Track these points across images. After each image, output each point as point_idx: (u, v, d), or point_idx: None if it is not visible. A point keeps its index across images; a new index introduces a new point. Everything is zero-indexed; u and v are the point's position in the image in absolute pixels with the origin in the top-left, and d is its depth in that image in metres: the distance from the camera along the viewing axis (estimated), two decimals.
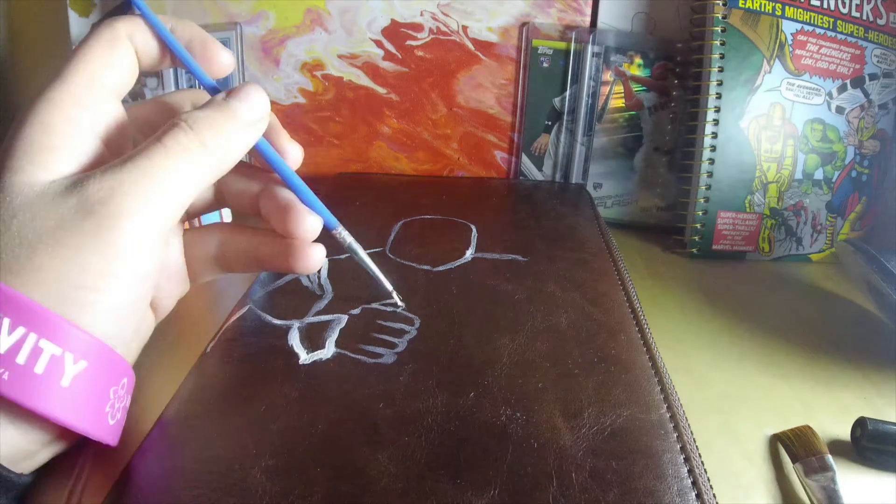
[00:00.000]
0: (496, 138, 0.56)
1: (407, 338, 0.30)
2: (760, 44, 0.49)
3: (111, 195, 0.22)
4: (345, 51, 0.54)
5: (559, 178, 0.56)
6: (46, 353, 0.21)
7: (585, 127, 0.55)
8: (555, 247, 0.40)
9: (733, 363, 0.36)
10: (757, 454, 0.29)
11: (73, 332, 0.21)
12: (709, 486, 0.22)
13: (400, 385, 0.26)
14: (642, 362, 0.29)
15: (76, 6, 0.54)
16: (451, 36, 0.54)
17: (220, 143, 0.24)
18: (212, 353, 0.29)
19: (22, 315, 0.20)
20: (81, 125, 0.23)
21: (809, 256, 0.53)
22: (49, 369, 0.21)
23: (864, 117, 0.52)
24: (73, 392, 0.21)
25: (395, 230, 0.42)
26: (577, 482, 0.21)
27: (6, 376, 0.20)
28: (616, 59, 0.54)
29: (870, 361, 0.37)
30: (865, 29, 0.51)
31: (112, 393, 0.23)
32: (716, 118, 0.50)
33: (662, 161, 0.56)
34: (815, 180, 0.52)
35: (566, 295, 0.34)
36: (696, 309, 0.43)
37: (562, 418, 0.24)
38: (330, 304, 0.32)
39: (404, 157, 0.56)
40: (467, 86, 0.55)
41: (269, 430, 0.24)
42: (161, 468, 0.22)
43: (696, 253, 0.51)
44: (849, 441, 0.30)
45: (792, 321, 0.42)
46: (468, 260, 0.38)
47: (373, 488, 0.21)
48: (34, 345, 0.20)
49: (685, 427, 0.25)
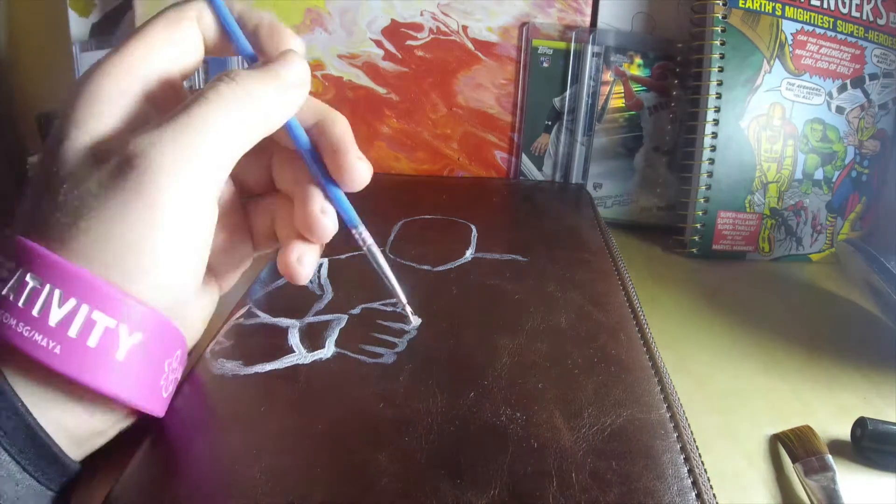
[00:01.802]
0: (496, 138, 0.56)
1: (407, 338, 0.30)
2: (760, 44, 0.49)
3: (149, 150, 0.21)
4: (345, 51, 0.54)
5: (559, 178, 0.56)
6: (100, 325, 0.20)
7: (585, 127, 0.55)
8: (555, 247, 0.40)
9: (733, 363, 0.36)
10: (757, 454, 0.29)
11: (127, 303, 0.20)
12: (709, 486, 0.22)
13: (400, 385, 0.26)
14: (642, 362, 0.29)
15: (76, 6, 0.54)
16: (451, 36, 0.54)
17: (262, 96, 0.23)
18: (212, 354, 0.29)
19: (73, 286, 0.19)
20: (131, 93, 0.23)
21: (809, 256, 0.53)
22: (103, 342, 0.20)
23: (864, 117, 0.52)
24: (129, 366, 0.20)
25: (395, 230, 0.42)
26: (577, 482, 0.21)
27: (58, 350, 0.19)
28: (616, 59, 0.54)
29: (870, 361, 0.37)
30: (865, 29, 0.51)
31: (167, 366, 0.22)
32: (716, 118, 0.50)
33: (662, 161, 0.56)
34: (815, 180, 0.52)
35: (566, 295, 0.34)
36: (696, 309, 0.43)
37: (562, 418, 0.24)
38: (330, 304, 0.32)
39: (404, 157, 0.56)
40: (467, 86, 0.55)
41: (269, 430, 0.24)
42: (161, 468, 0.22)
43: (696, 253, 0.51)
44: (849, 441, 0.30)
45: (792, 321, 0.42)
46: (468, 260, 0.38)
47: (373, 488, 0.21)
48: (87, 317, 0.20)
49: (685, 427, 0.25)
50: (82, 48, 0.55)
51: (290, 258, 0.26)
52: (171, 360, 0.23)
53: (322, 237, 0.26)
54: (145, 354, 0.21)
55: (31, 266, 0.20)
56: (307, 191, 0.26)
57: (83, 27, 0.56)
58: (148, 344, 0.21)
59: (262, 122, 0.24)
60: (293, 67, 0.25)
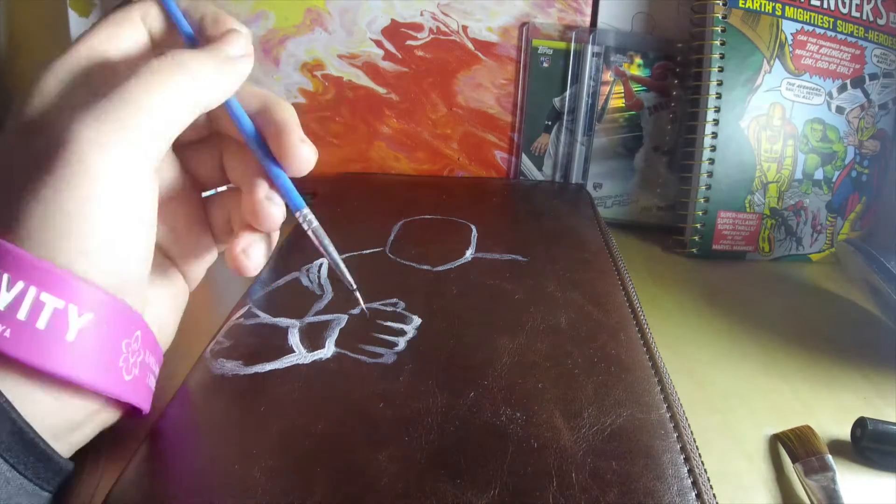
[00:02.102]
0: (496, 138, 0.56)
1: (407, 338, 0.30)
2: (760, 44, 0.49)
3: (76, 126, 0.21)
4: (345, 51, 0.54)
5: (559, 178, 0.56)
6: (49, 306, 0.20)
7: (585, 127, 0.55)
8: (555, 247, 0.40)
9: (733, 363, 0.36)
10: (757, 454, 0.29)
11: (74, 283, 0.20)
12: (709, 486, 0.22)
13: (400, 385, 0.26)
14: (642, 362, 0.29)
15: (76, 6, 0.54)
16: (451, 36, 0.54)
17: (198, 69, 0.24)
18: (212, 354, 0.29)
19: (20, 269, 0.19)
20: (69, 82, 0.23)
21: (809, 256, 0.53)
22: (52, 324, 0.20)
23: (864, 117, 0.52)
24: (81, 346, 0.20)
25: (395, 230, 0.42)
26: (577, 482, 0.21)
27: (7, 334, 0.19)
28: (616, 59, 0.54)
29: (870, 361, 0.37)
30: (865, 29, 0.51)
31: (125, 346, 0.22)
32: (716, 118, 0.50)
33: (662, 161, 0.56)
34: (815, 180, 0.52)
35: (566, 295, 0.34)
36: (696, 309, 0.43)
37: (562, 418, 0.24)
38: (330, 304, 0.32)
39: (404, 157, 0.56)
40: (467, 86, 0.55)
41: (269, 430, 0.24)
42: (161, 468, 0.22)
43: (696, 253, 0.51)
44: (849, 441, 0.30)
45: (792, 321, 0.42)
46: (468, 260, 0.38)
47: (373, 488, 0.21)
48: (35, 299, 0.20)
49: (685, 427, 0.25)
50: None
51: (235, 249, 0.26)
52: (129, 341, 0.22)
53: (268, 224, 0.26)
54: (98, 334, 0.21)
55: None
56: (253, 180, 0.26)
57: (83, 27, 0.56)
58: (99, 324, 0.21)
59: (198, 96, 0.24)
60: (232, 41, 0.25)
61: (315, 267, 0.36)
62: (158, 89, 0.22)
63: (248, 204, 0.26)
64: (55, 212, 0.20)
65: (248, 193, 0.26)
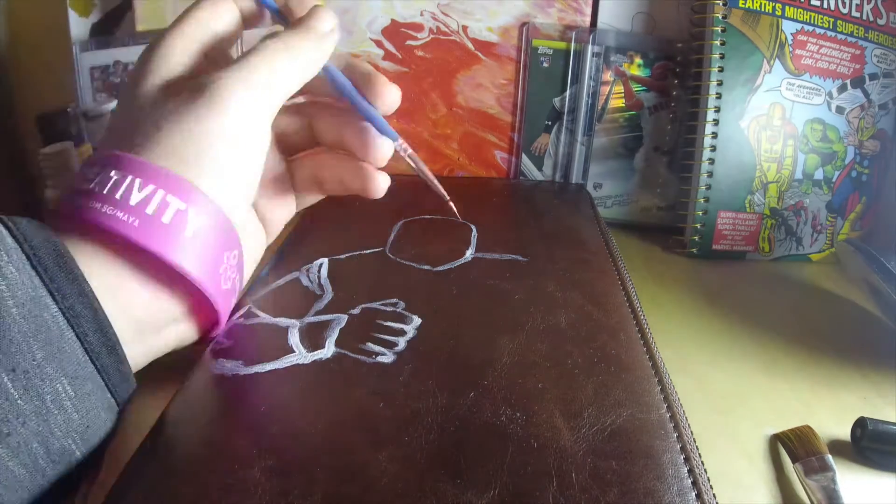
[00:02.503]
0: (496, 138, 0.56)
1: (407, 338, 0.30)
2: (760, 44, 0.49)
3: (217, 80, 0.26)
4: (345, 51, 0.54)
5: (559, 178, 0.56)
6: (172, 206, 0.24)
7: (585, 127, 0.55)
8: (555, 247, 0.40)
9: (733, 363, 0.36)
10: (757, 454, 0.29)
11: (194, 192, 0.24)
12: (709, 486, 0.22)
13: (400, 385, 0.26)
14: (642, 362, 0.29)
15: (76, 6, 0.54)
16: (451, 36, 0.54)
17: (300, 47, 0.29)
18: (212, 354, 0.29)
19: (150, 176, 0.24)
20: (190, 52, 0.28)
21: (809, 256, 0.53)
22: (175, 220, 0.24)
23: (864, 117, 0.52)
24: (195, 244, 0.24)
25: (395, 230, 0.42)
26: (577, 482, 0.21)
27: (136, 223, 0.23)
28: (616, 59, 0.54)
29: (870, 361, 0.37)
30: (865, 29, 0.51)
31: (226, 258, 0.26)
32: (716, 118, 0.50)
33: (662, 161, 0.56)
34: (815, 180, 0.52)
35: (566, 295, 0.34)
36: (696, 309, 0.43)
37: (562, 418, 0.24)
38: (330, 304, 0.32)
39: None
40: (467, 86, 0.55)
41: (269, 430, 0.24)
42: (161, 468, 0.22)
43: (696, 253, 0.51)
44: (849, 441, 0.30)
45: (792, 321, 0.42)
46: (468, 260, 0.38)
47: (373, 488, 0.21)
48: (162, 199, 0.23)
49: (685, 427, 0.25)
50: (82, 48, 0.55)
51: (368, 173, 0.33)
52: (229, 255, 0.26)
53: (383, 157, 0.32)
54: (207, 240, 0.25)
55: (114, 165, 0.24)
56: (358, 126, 0.32)
57: (83, 27, 0.56)
58: (211, 229, 0.25)
59: (303, 69, 0.29)
60: (321, 19, 0.30)
61: (315, 267, 0.36)
62: (273, 65, 0.28)
63: (361, 146, 0.31)
64: (193, 140, 0.25)
65: (356, 138, 0.31)
